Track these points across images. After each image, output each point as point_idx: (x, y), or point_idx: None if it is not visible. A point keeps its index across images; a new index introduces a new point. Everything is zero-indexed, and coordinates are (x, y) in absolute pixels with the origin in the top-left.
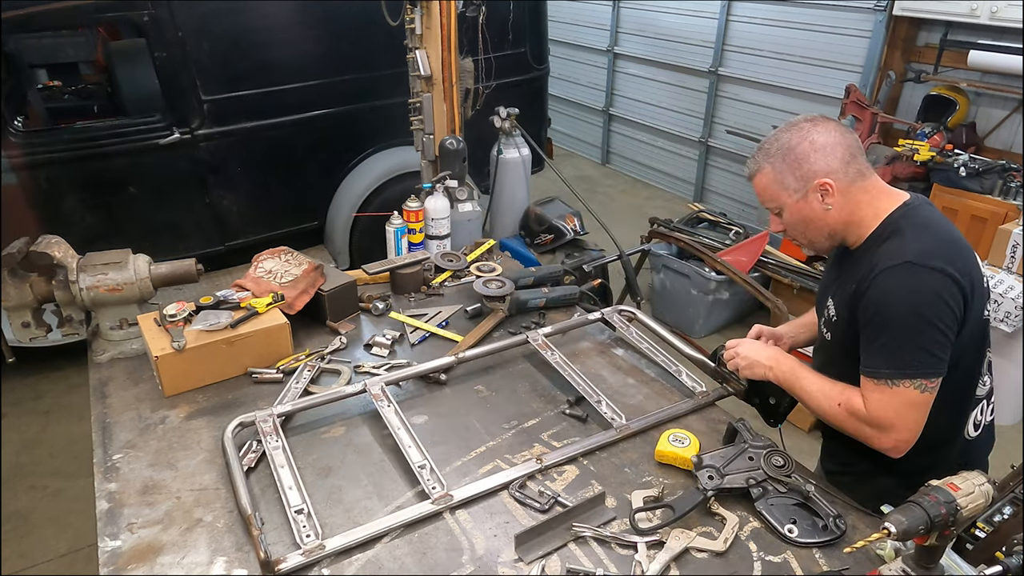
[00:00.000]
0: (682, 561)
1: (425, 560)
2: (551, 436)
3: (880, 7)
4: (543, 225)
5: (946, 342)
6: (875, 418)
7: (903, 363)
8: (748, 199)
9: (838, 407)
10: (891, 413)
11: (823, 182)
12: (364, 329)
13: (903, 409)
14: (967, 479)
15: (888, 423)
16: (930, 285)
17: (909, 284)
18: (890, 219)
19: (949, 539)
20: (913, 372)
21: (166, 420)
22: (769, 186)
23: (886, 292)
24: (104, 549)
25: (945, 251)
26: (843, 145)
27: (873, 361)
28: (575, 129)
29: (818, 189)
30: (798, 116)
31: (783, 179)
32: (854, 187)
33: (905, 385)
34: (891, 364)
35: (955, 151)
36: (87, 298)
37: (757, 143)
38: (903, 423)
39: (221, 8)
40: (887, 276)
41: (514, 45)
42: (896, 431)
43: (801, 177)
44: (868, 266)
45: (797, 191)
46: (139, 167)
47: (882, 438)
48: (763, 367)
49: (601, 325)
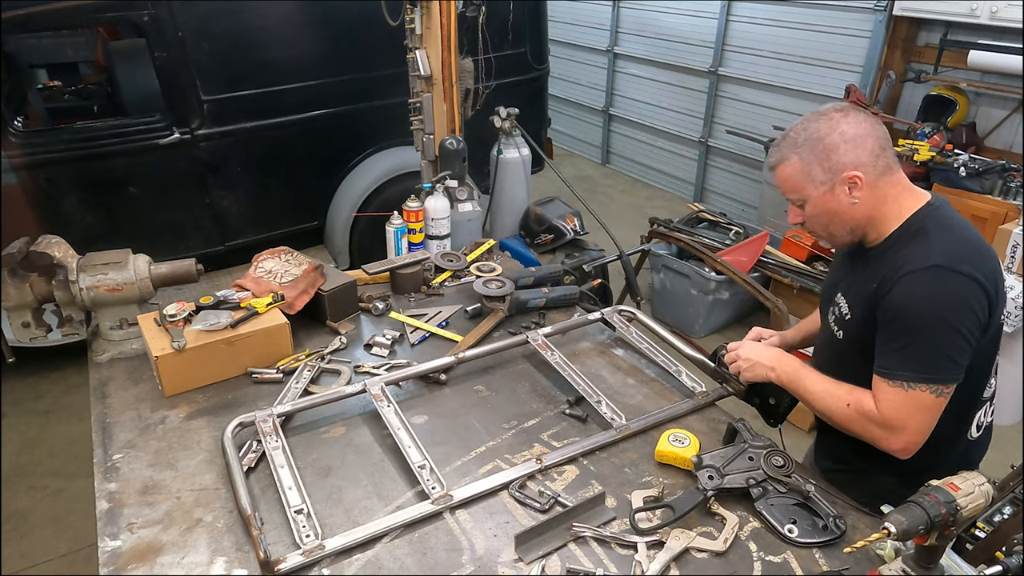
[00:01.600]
0: (682, 561)
1: (425, 560)
2: (551, 436)
3: (880, 7)
4: (543, 225)
5: (967, 348)
6: (887, 419)
7: (923, 367)
8: (748, 199)
9: (847, 407)
10: (904, 415)
11: (852, 175)
12: (364, 329)
13: (916, 412)
14: (967, 479)
15: (900, 425)
16: (958, 290)
17: (937, 288)
18: (914, 218)
19: (949, 539)
20: (932, 377)
21: (166, 420)
22: (794, 177)
23: (912, 295)
24: (104, 549)
25: (972, 255)
26: (873, 136)
27: (890, 362)
28: (575, 129)
29: (846, 182)
30: (826, 105)
31: (810, 170)
32: (881, 181)
33: (922, 389)
34: (910, 367)
35: (955, 151)
36: (87, 298)
37: (757, 143)
38: (915, 426)
39: (221, 8)
40: (914, 279)
41: (514, 45)
42: (907, 433)
43: (829, 169)
44: (892, 266)
45: (824, 183)
46: (139, 167)
47: (891, 439)
48: (765, 368)
49: (601, 325)
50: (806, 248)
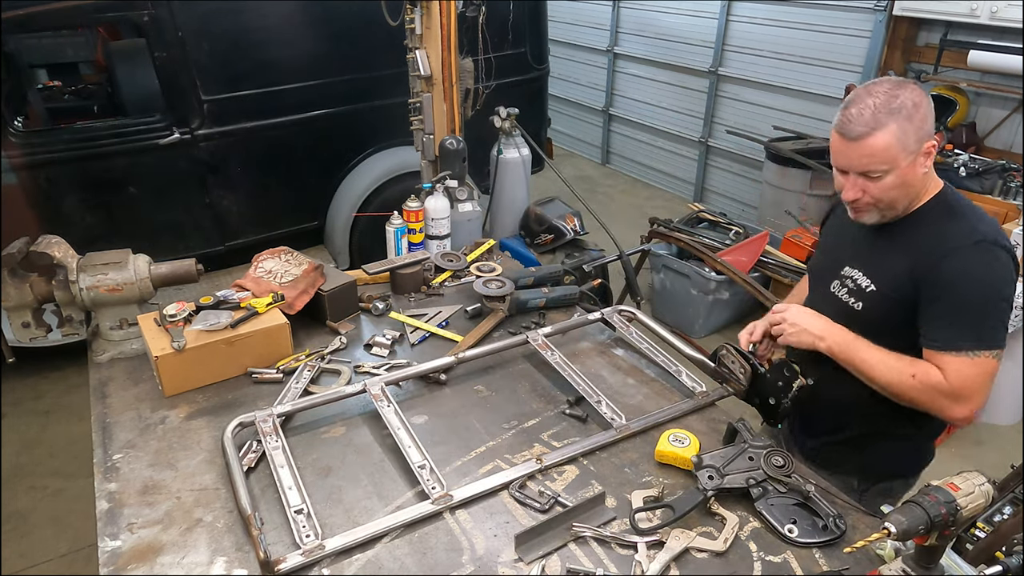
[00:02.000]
0: (682, 561)
1: (425, 560)
2: (551, 436)
3: (880, 7)
4: (543, 225)
5: (1009, 314)
6: (956, 389)
7: (984, 336)
8: (748, 199)
9: (912, 379)
10: (973, 383)
11: (931, 144)
12: (364, 329)
13: (983, 379)
14: (967, 479)
15: (969, 393)
16: (1003, 264)
17: (986, 263)
18: (942, 195)
19: (949, 539)
20: (991, 343)
21: (166, 420)
22: (891, 146)
23: (966, 271)
24: (104, 549)
25: (1001, 231)
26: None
27: (950, 335)
28: (575, 129)
29: (925, 152)
30: (882, 78)
31: (906, 139)
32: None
33: (985, 356)
34: (972, 337)
35: (955, 151)
36: (87, 298)
37: (757, 143)
38: (982, 392)
39: (221, 8)
40: (964, 255)
41: (514, 45)
42: (973, 401)
43: (919, 139)
44: (930, 243)
45: (912, 152)
46: (139, 167)
47: (958, 408)
48: (812, 336)
49: (601, 325)
50: (806, 248)
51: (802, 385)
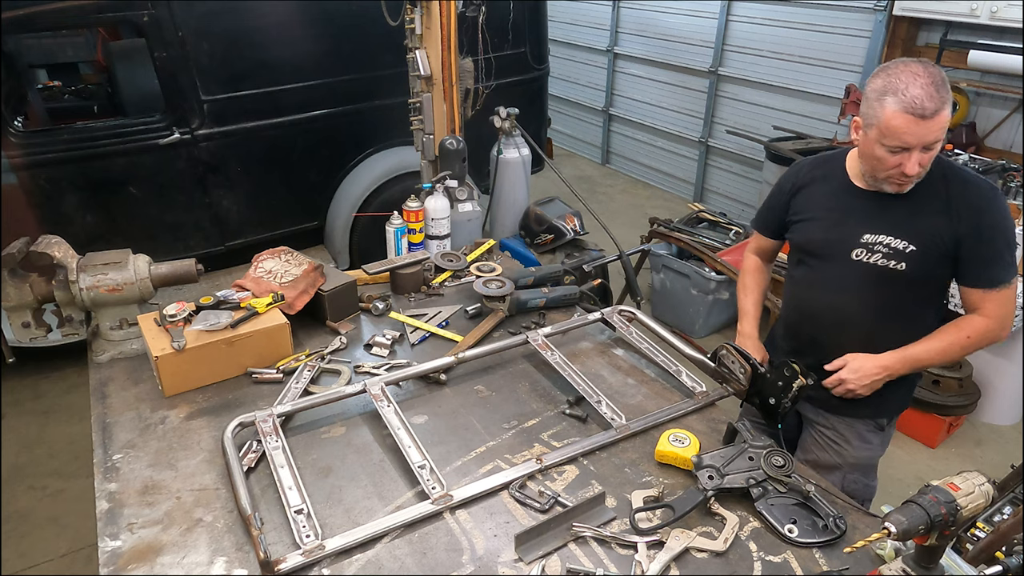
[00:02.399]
0: (682, 561)
1: (425, 560)
2: (551, 436)
3: (880, 7)
4: (543, 225)
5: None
6: (999, 320)
7: (1012, 267)
8: (748, 199)
9: (967, 339)
10: (1007, 308)
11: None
12: (364, 329)
13: (1012, 302)
14: (967, 479)
15: (1006, 318)
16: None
17: (1004, 206)
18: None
19: (949, 539)
20: (1015, 271)
21: (166, 420)
22: (949, 115)
23: (1001, 214)
24: (104, 549)
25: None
26: None
27: (994, 273)
28: (575, 129)
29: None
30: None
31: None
32: None
33: (1014, 282)
34: (1010, 270)
35: (955, 151)
36: (87, 298)
37: (757, 143)
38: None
39: (221, 8)
40: (996, 206)
41: (514, 45)
42: (1009, 319)
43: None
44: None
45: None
46: (139, 167)
47: (1001, 333)
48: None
49: (601, 325)
50: None
51: (802, 385)
